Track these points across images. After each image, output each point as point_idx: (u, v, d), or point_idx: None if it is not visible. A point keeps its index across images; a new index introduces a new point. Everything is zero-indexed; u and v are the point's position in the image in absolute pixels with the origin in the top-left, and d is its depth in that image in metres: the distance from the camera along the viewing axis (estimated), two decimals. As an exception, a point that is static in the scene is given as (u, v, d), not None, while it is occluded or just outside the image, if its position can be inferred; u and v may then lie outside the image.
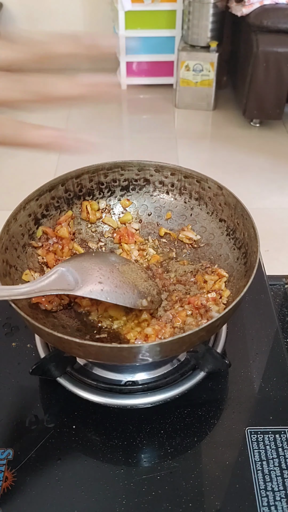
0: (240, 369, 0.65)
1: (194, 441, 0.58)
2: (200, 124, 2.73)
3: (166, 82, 3.00)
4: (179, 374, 0.63)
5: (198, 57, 2.64)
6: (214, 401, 0.62)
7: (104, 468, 0.55)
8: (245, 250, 0.65)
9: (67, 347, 0.53)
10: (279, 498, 0.51)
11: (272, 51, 2.36)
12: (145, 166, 0.75)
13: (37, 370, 0.60)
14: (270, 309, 0.74)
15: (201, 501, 0.52)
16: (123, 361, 0.55)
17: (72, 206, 0.74)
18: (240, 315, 0.72)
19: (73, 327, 0.64)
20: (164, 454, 0.56)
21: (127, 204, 0.77)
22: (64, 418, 0.60)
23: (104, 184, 0.75)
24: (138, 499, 0.52)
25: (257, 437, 0.57)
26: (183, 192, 0.75)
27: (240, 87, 2.64)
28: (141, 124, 2.76)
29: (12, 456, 0.56)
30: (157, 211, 0.77)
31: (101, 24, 3.07)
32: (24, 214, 0.68)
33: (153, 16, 2.76)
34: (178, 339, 0.49)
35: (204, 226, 0.74)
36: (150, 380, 0.63)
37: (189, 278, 0.70)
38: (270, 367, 0.65)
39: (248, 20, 2.39)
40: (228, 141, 2.60)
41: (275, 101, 2.49)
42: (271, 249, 1.79)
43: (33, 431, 0.58)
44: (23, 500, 0.52)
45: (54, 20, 3.06)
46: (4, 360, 0.67)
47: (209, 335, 0.63)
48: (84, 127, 2.70)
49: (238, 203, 0.66)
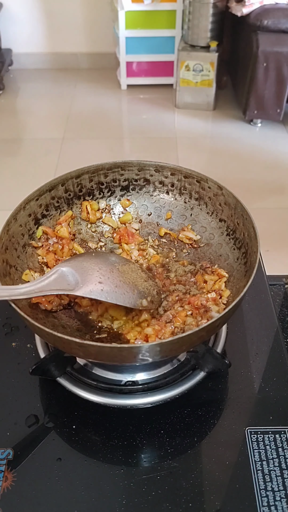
0: (240, 369, 0.65)
1: (194, 441, 0.58)
2: (200, 124, 2.73)
3: (166, 82, 3.00)
4: (179, 374, 0.63)
5: (198, 57, 2.64)
6: (214, 401, 0.62)
7: (104, 468, 0.55)
8: (245, 250, 0.65)
9: (67, 347, 0.53)
10: (279, 498, 0.51)
11: (272, 51, 2.35)
12: (145, 166, 0.75)
13: (37, 370, 0.60)
14: (270, 309, 0.74)
15: (201, 501, 0.52)
16: (123, 361, 0.55)
17: (72, 206, 0.74)
18: (240, 315, 0.72)
19: (73, 327, 0.64)
20: (164, 454, 0.56)
21: (127, 204, 0.77)
22: (64, 418, 0.60)
23: (104, 184, 0.75)
24: (138, 499, 0.52)
25: (257, 437, 0.57)
26: (183, 192, 0.75)
27: (240, 87, 2.64)
28: (141, 124, 2.76)
29: (12, 456, 0.56)
30: (157, 211, 0.77)
31: (101, 24, 3.07)
32: (24, 214, 0.68)
33: (153, 16, 2.76)
34: (178, 339, 0.49)
35: (204, 226, 0.74)
36: (150, 380, 0.63)
37: (189, 278, 0.70)
38: (270, 367, 0.65)
39: (248, 20, 2.39)
40: (228, 141, 2.59)
41: (275, 101, 2.49)
42: (271, 249, 1.79)
43: (33, 431, 0.58)
44: (23, 500, 0.52)
45: (54, 20, 3.07)
46: (4, 360, 0.67)
47: (209, 335, 0.63)
48: (84, 127, 2.70)
49: (238, 203, 0.66)
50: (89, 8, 3.03)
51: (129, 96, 2.99)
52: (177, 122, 2.74)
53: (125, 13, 2.70)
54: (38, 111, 2.87)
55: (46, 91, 3.05)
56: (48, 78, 3.17)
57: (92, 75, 3.19)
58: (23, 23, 3.07)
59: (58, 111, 2.84)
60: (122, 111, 2.96)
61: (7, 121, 2.77)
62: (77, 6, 3.02)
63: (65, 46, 3.18)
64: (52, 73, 3.21)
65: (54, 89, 3.06)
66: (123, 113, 2.95)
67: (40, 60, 3.23)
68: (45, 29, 3.12)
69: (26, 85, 3.11)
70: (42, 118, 2.81)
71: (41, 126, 2.73)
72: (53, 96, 3.00)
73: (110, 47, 3.13)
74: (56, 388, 0.62)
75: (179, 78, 2.72)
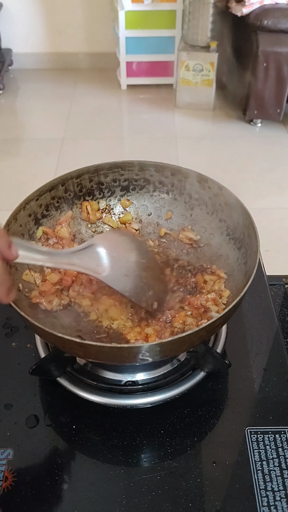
0: (240, 369, 0.65)
1: (194, 441, 0.58)
2: (200, 124, 2.72)
3: (166, 82, 3.00)
4: (179, 374, 0.63)
5: (198, 57, 2.63)
6: (214, 401, 0.62)
7: (104, 468, 0.55)
8: (245, 250, 0.65)
9: (67, 347, 0.53)
10: (279, 498, 0.51)
11: (272, 51, 2.35)
12: (145, 166, 0.75)
13: (37, 370, 0.60)
14: (270, 309, 0.74)
15: (201, 501, 0.52)
16: (123, 361, 0.55)
17: (72, 206, 0.74)
18: (240, 315, 0.72)
19: (73, 327, 0.64)
20: (164, 454, 0.56)
21: (127, 204, 0.77)
22: (64, 418, 0.60)
23: (104, 184, 0.75)
24: (138, 499, 0.52)
25: (257, 437, 0.57)
26: (183, 192, 0.75)
27: (240, 87, 2.64)
28: (141, 124, 2.75)
29: (12, 456, 0.56)
30: (157, 211, 0.77)
31: (101, 24, 3.07)
32: (24, 214, 0.68)
33: (153, 16, 2.76)
34: (178, 339, 0.49)
35: (204, 226, 0.74)
36: (150, 380, 0.63)
37: (190, 278, 0.70)
38: (270, 367, 0.65)
39: (248, 20, 2.39)
40: (228, 141, 2.59)
41: (275, 101, 2.49)
42: (271, 249, 1.79)
43: (33, 431, 0.58)
44: (23, 500, 0.52)
45: (54, 20, 3.07)
46: (4, 360, 0.67)
47: (209, 335, 0.63)
48: (84, 127, 2.70)
49: (238, 203, 0.66)
50: (89, 8, 3.03)
51: (129, 96, 2.99)
52: (177, 122, 2.74)
53: (125, 13, 2.70)
54: (38, 111, 2.86)
55: (46, 91, 3.05)
56: (48, 78, 3.17)
57: (92, 75, 3.18)
58: (23, 23, 3.07)
59: (58, 111, 2.83)
60: (122, 111, 2.95)
61: (7, 121, 2.77)
62: (77, 6, 3.02)
63: (65, 46, 3.18)
64: (52, 73, 3.21)
65: (54, 89, 3.06)
66: (123, 113, 2.95)
67: (40, 60, 3.22)
68: (45, 29, 3.11)
69: (26, 85, 3.11)
70: (42, 118, 2.80)
71: (41, 126, 2.73)
72: (53, 96, 2.99)
73: (110, 47, 3.12)
74: (56, 388, 0.62)
75: (179, 78, 2.72)
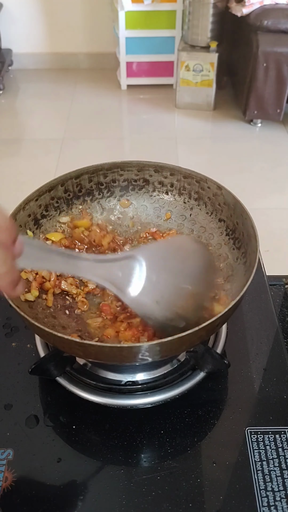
0: (240, 369, 0.65)
1: (194, 441, 0.58)
2: (200, 124, 2.73)
3: (166, 82, 3.00)
4: (179, 374, 0.63)
5: (198, 57, 2.63)
6: (214, 401, 0.62)
7: (104, 468, 0.55)
8: (245, 250, 0.65)
9: (67, 347, 0.53)
10: (279, 498, 0.51)
11: (272, 51, 2.35)
12: (145, 166, 0.75)
13: (36, 369, 0.60)
14: (270, 309, 0.74)
15: (201, 501, 0.52)
16: (123, 361, 0.55)
17: (72, 207, 0.74)
18: (240, 315, 0.72)
19: (73, 327, 0.64)
20: (164, 454, 0.56)
21: (127, 204, 0.77)
22: (64, 418, 0.60)
23: (103, 184, 0.75)
24: (138, 499, 0.52)
25: (257, 437, 0.57)
26: (183, 192, 0.75)
27: (240, 87, 2.64)
28: (141, 124, 2.76)
29: (12, 456, 0.56)
30: (156, 211, 0.77)
31: (101, 24, 3.07)
32: (24, 214, 0.68)
33: (153, 16, 2.76)
34: (178, 338, 0.49)
35: (203, 226, 0.74)
36: (150, 380, 0.63)
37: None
38: (270, 367, 0.65)
39: (248, 20, 2.39)
40: (228, 141, 2.60)
41: (275, 101, 2.49)
42: (271, 249, 1.79)
43: (33, 431, 0.58)
44: (23, 500, 0.52)
45: (54, 20, 3.07)
46: (4, 360, 0.67)
47: (209, 335, 0.63)
48: (84, 127, 2.70)
49: (238, 203, 0.66)
50: (89, 8, 3.03)
51: (129, 96, 2.99)
52: (177, 122, 2.74)
53: (125, 13, 2.70)
54: (38, 111, 2.87)
55: (46, 91, 3.05)
56: (48, 78, 3.17)
57: (92, 75, 3.18)
58: (23, 23, 3.07)
59: (58, 111, 2.84)
60: (122, 111, 2.95)
61: (7, 121, 2.77)
62: (77, 6, 3.02)
63: (65, 46, 3.18)
64: (52, 73, 3.21)
65: (54, 89, 3.06)
66: (123, 113, 2.95)
67: (40, 60, 3.23)
68: (45, 29, 3.12)
69: (26, 85, 3.11)
70: (42, 118, 2.80)
71: (41, 126, 2.73)
72: (53, 96, 2.99)
73: (110, 47, 3.13)
74: (56, 389, 0.62)
75: (179, 78, 2.72)
